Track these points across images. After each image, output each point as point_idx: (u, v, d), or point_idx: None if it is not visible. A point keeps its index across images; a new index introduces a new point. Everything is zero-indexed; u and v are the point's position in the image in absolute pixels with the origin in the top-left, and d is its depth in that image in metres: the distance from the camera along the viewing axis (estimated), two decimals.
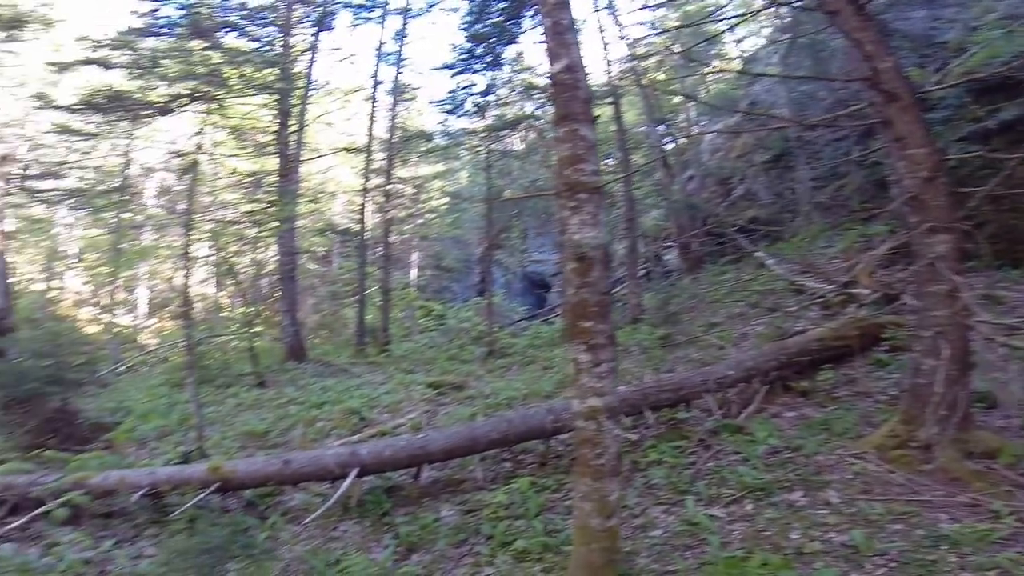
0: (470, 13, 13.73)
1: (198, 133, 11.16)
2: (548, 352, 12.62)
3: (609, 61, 16.91)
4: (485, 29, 14.94)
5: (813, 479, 3.81)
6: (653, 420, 5.11)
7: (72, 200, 11.64)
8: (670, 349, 9.72)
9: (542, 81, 16.54)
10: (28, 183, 11.23)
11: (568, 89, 2.98)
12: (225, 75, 10.89)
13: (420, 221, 24.17)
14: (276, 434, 6.20)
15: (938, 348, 3.57)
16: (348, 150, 13.61)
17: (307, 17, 13.46)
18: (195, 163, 6.65)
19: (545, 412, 4.86)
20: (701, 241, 17.83)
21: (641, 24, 18.83)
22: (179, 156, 13.48)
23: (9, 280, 7.22)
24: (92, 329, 17.28)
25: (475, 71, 15.25)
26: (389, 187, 13.27)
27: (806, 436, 4.43)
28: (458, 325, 18.73)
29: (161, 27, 10.74)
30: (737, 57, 20.73)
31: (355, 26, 14.28)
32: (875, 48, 3.83)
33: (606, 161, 19.97)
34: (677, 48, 19.36)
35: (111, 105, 10.31)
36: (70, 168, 11.26)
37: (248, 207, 12.32)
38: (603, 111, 20.94)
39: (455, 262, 37.05)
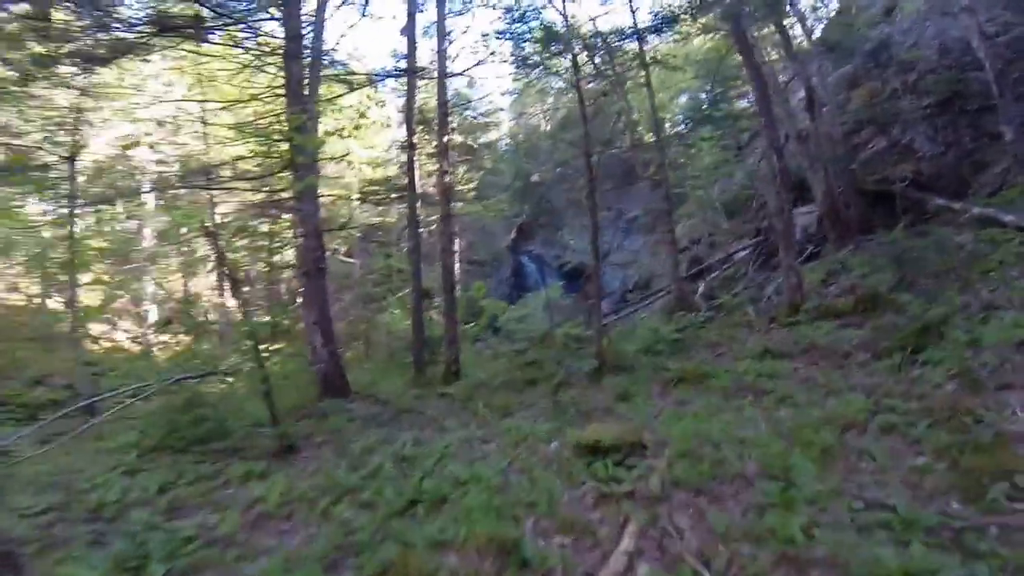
0: None
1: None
2: (685, 362, 8.69)
3: None
4: None
5: None
6: None
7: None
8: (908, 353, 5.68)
9: None
10: None
11: None
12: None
13: (460, 204, 20.34)
14: None
15: None
16: (383, 76, 9.68)
17: None
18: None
19: None
20: (847, 204, 14.17)
21: None
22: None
23: None
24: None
25: None
26: (446, 139, 9.25)
27: None
28: (525, 328, 14.91)
29: None
30: None
31: None
32: None
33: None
34: None
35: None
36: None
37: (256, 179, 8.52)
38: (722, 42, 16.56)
39: (486, 255, 33.35)
